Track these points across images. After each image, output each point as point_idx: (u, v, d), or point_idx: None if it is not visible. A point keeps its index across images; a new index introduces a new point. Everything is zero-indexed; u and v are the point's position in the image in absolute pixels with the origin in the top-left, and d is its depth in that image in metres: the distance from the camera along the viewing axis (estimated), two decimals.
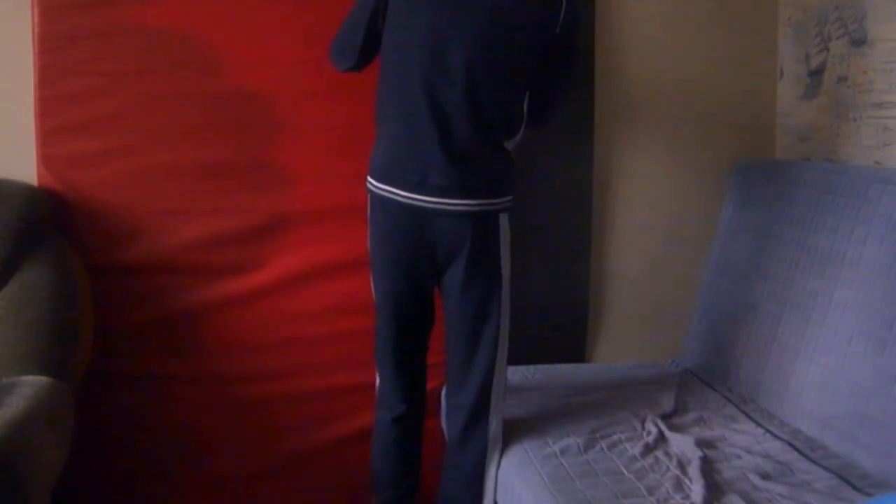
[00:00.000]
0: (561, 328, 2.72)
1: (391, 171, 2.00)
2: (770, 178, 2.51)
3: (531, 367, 2.59)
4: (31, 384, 1.87)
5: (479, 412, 2.07)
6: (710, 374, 2.52)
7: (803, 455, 1.97)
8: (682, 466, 1.92)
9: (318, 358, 2.46)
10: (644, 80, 2.73)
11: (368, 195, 2.07)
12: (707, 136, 2.79)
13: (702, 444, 2.02)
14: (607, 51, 2.67)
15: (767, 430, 2.12)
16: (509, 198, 2.05)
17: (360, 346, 2.43)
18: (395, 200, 1.99)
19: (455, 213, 1.96)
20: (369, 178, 2.06)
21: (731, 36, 2.77)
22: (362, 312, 2.38)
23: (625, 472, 1.91)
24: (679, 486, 1.83)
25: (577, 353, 2.76)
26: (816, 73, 2.58)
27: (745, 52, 2.79)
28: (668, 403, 2.30)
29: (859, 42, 2.36)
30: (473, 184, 1.97)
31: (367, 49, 2.05)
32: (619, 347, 2.81)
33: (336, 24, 2.18)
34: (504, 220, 2.04)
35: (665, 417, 2.20)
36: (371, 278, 2.13)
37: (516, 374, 2.53)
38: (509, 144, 2.07)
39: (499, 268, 2.03)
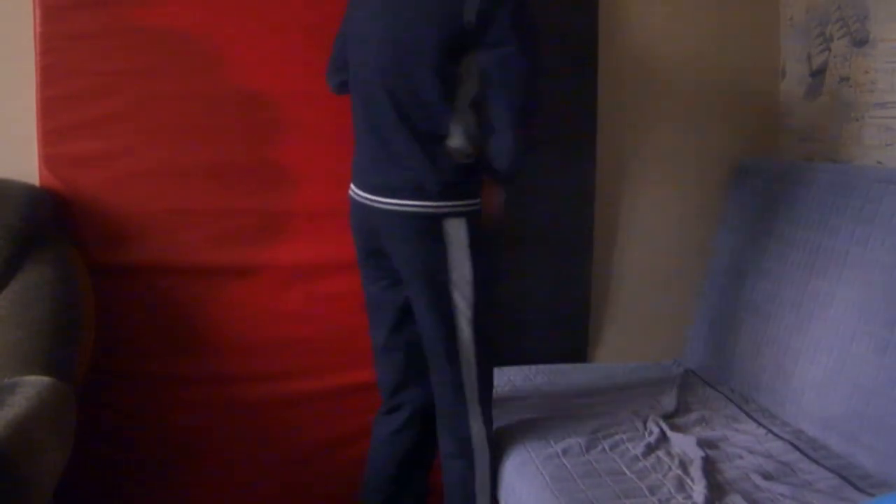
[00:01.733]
0: (562, 328, 2.72)
1: (354, 172, 2.12)
2: (772, 179, 2.51)
3: (533, 367, 2.59)
4: (33, 384, 1.87)
5: (453, 422, 2.05)
6: (711, 374, 2.52)
7: (805, 455, 1.97)
8: (683, 466, 1.92)
9: (318, 358, 2.46)
10: (646, 81, 2.73)
11: None
12: (708, 136, 2.79)
13: (703, 443, 2.01)
14: (609, 52, 2.67)
15: (769, 430, 2.11)
16: (457, 203, 1.96)
17: (361, 346, 2.43)
18: (353, 198, 2.10)
19: (386, 212, 1.99)
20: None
21: (733, 36, 2.77)
22: (363, 312, 2.38)
23: (627, 472, 1.91)
24: (681, 486, 1.83)
25: (578, 353, 2.76)
26: (818, 73, 2.58)
27: (746, 52, 2.78)
28: (669, 403, 2.29)
29: (861, 42, 2.36)
30: (400, 185, 1.96)
31: (343, 69, 2.14)
32: (620, 347, 2.81)
33: (337, 24, 2.18)
34: (453, 225, 1.95)
35: (667, 417, 2.20)
36: None
37: (518, 374, 2.53)
38: (454, 150, 1.95)
39: (445, 273, 1.97)
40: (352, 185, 2.11)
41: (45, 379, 1.91)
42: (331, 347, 2.46)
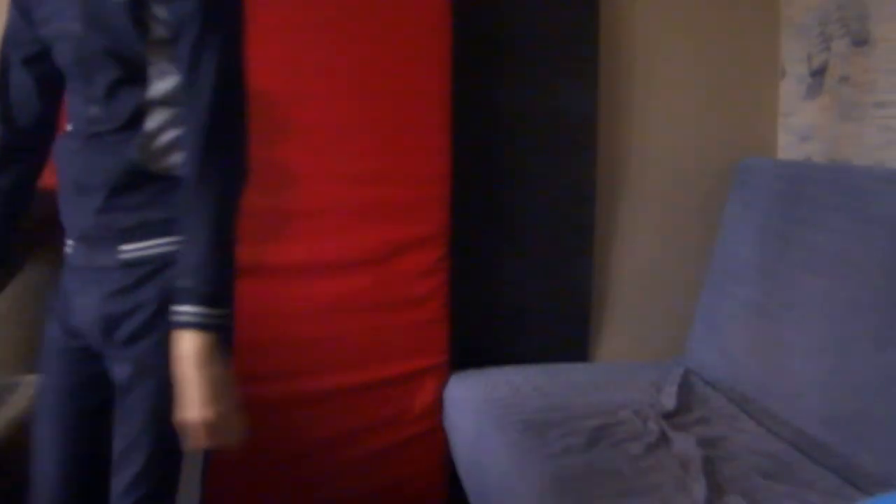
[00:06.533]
0: (563, 327, 2.72)
1: None
2: (772, 178, 2.51)
3: (533, 367, 2.59)
4: (33, 384, 1.87)
5: None
6: (711, 374, 2.52)
7: (805, 454, 1.97)
8: (684, 466, 1.92)
9: (319, 357, 2.46)
10: (646, 80, 2.74)
11: None
12: (708, 136, 2.79)
13: (704, 443, 2.01)
14: (610, 51, 2.67)
15: (769, 430, 2.12)
16: None
17: (362, 346, 2.43)
18: None
19: None
20: None
21: (733, 35, 2.77)
22: (364, 312, 2.38)
23: (627, 471, 1.91)
24: (681, 485, 1.83)
25: (579, 352, 2.76)
26: (818, 73, 2.58)
27: (746, 52, 2.79)
28: (669, 403, 2.29)
29: (861, 42, 2.36)
30: None
31: None
32: (620, 346, 2.81)
33: (340, 23, 2.18)
34: None
35: (667, 417, 2.20)
36: None
37: (518, 373, 2.53)
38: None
39: None
40: None
41: None
42: (335, 346, 2.46)
